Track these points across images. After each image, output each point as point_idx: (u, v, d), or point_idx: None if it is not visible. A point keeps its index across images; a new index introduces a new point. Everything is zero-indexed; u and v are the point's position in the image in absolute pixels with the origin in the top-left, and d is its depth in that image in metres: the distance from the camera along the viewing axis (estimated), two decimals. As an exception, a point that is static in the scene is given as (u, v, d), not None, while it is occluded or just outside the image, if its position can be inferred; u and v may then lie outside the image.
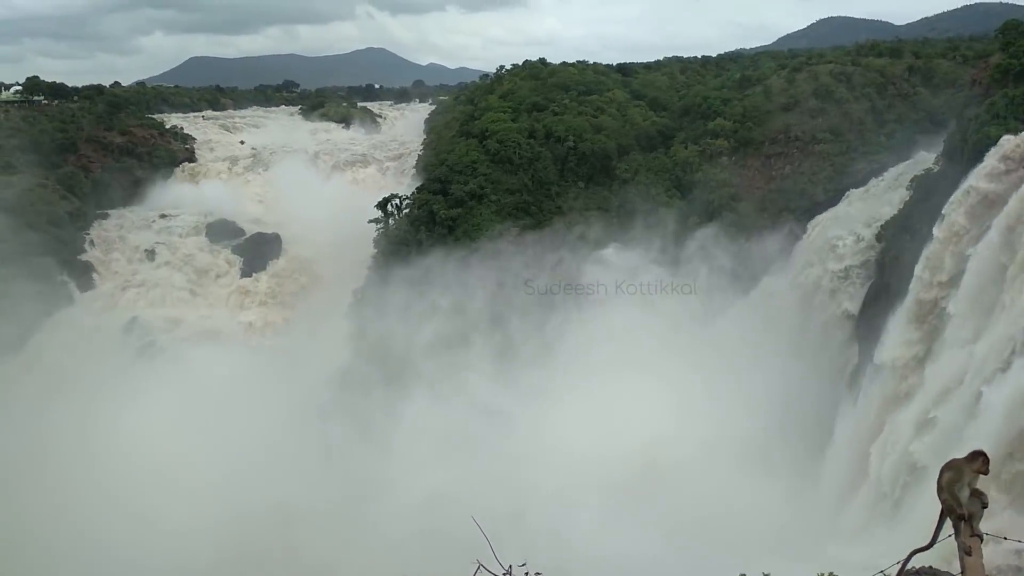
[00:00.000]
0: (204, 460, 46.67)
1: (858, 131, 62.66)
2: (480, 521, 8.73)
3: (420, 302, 56.94)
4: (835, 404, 42.64)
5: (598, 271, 57.58)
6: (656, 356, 49.04)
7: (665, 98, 77.97)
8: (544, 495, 38.87)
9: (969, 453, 7.40)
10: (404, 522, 38.85)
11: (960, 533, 7.26)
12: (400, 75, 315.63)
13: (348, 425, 51.92)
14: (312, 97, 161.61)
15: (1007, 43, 43.99)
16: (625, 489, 38.72)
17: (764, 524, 34.89)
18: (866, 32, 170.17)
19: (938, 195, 40.34)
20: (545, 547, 35.56)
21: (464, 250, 59.18)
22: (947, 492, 7.27)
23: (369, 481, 45.93)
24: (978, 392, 26.74)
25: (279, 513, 41.51)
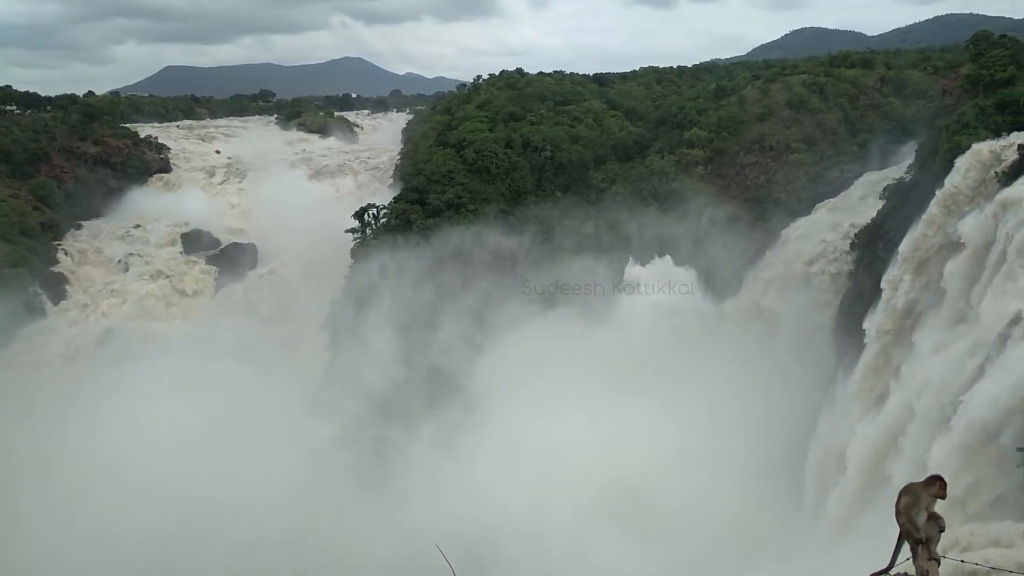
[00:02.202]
0: (178, 470, 46.38)
1: (831, 141, 63.41)
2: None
3: (396, 311, 56.95)
4: (815, 412, 42.79)
5: (576, 279, 57.78)
6: (631, 367, 49.19)
7: (641, 108, 78.46)
8: (520, 506, 38.85)
9: (926, 478, 7.49)
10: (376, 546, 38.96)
11: (918, 557, 7.33)
12: (377, 84, 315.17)
13: (324, 438, 51.76)
14: (288, 106, 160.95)
15: (977, 54, 44.52)
16: (602, 500, 38.79)
17: (742, 532, 35.06)
18: (839, 43, 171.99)
19: (910, 204, 40.86)
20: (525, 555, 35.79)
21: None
22: (905, 516, 7.34)
23: (344, 492, 45.85)
24: (951, 401, 27.00)
25: (251, 520, 41.32)
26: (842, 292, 47.63)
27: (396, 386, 54.17)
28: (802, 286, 50.85)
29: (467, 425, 48.92)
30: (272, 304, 76.07)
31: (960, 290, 31.09)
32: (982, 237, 30.55)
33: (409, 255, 59.17)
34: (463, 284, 58.25)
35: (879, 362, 36.25)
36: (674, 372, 48.19)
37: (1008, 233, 28.71)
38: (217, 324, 72.37)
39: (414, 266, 58.60)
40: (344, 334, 58.68)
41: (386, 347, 55.58)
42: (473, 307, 57.40)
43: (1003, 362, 24.63)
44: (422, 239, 60.16)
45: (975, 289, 29.88)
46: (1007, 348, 25.28)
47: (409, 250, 59.45)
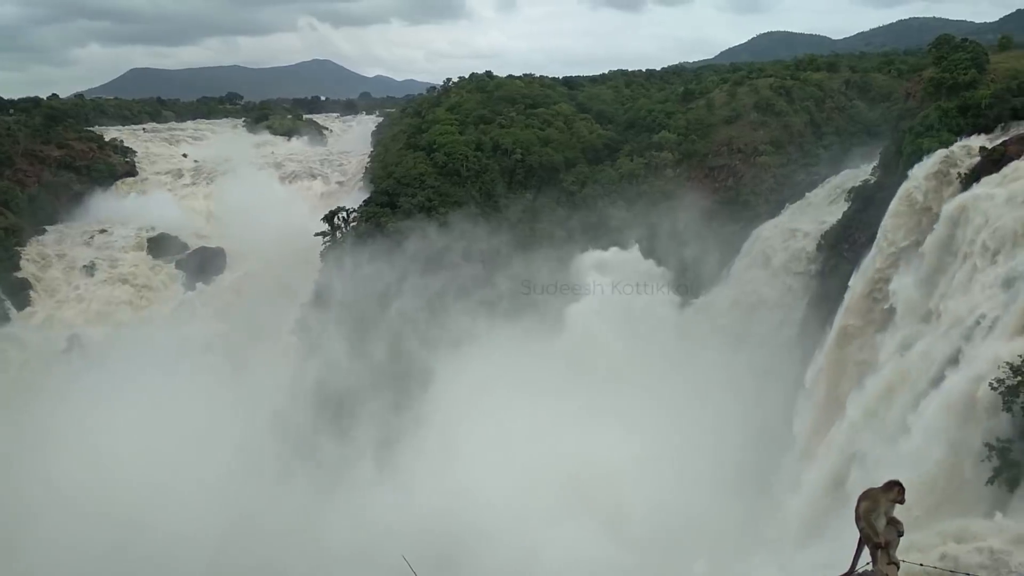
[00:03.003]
0: (142, 476, 45.90)
1: (798, 143, 64.21)
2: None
3: (366, 315, 56.66)
4: (784, 412, 43.05)
5: (546, 280, 57.90)
6: (604, 367, 49.37)
7: (611, 111, 78.84)
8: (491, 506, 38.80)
9: (885, 483, 7.57)
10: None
11: (877, 561, 7.42)
12: (346, 87, 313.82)
13: (293, 442, 51.39)
14: (256, 109, 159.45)
15: (940, 57, 45.22)
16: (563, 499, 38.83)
17: (708, 532, 35.28)
18: (805, 47, 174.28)
19: (875, 205, 41.41)
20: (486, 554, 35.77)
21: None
22: (864, 521, 7.42)
23: (313, 498, 45.61)
24: (915, 399, 27.36)
25: (218, 530, 41.01)
26: (809, 293, 48.12)
27: (363, 390, 53.88)
28: (770, 287, 51.33)
29: (430, 426, 48.71)
30: (240, 309, 75.16)
31: (923, 291, 31.54)
32: (944, 238, 30.99)
33: (380, 258, 58.93)
34: (432, 287, 58.09)
35: (843, 362, 36.65)
36: (642, 373, 48.40)
37: (969, 233, 29.17)
38: (185, 329, 71.49)
39: (385, 269, 58.38)
40: (313, 338, 58.29)
41: (355, 351, 55.34)
42: (441, 309, 57.27)
43: (965, 361, 25.03)
44: (393, 242, 59.93)
45: (938, 289, 30.33)
46: (969, 347, 25.69)
47: (380, 253, 59.20)
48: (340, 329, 56.76)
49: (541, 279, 58.61)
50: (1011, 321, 24.34)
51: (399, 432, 50.22)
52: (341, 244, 63.80)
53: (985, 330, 25.66)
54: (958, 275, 29.27)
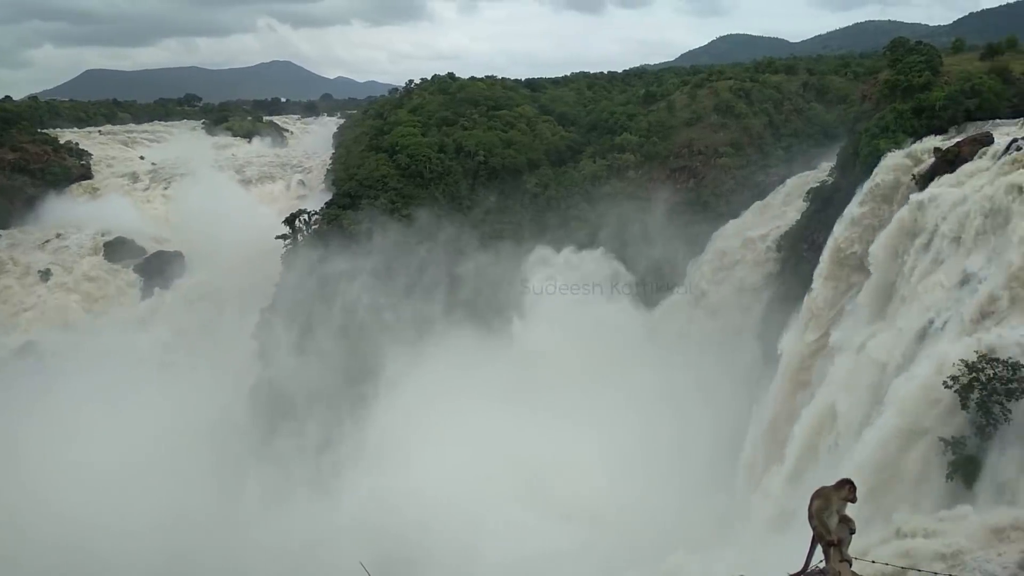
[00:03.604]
0: (100, 484, 45.18)
1: (757, 145, 64.92)
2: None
3: (327, 319, 56.18)
4: (746, 411, 43.36)
5: (510, 288, 57.86)
6: (564, 368, 49.43)
7: (573, 113, 79.07)
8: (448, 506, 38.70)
9: (837, 481, 7.64)
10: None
11: (830, 559, 7.48)
12: (307, 89, 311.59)
13: (251, 446, 50.87)
14: (215, 111, 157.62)
15: (895, 60, 45.76)
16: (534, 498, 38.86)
17: (681, 526, 35.47)
18: (763, 49, 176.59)
19: (833, 206, 41.97)
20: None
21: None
22: (817, 519, 7.48)
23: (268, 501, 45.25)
24: (872, 397, 27.71)
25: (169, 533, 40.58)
26: (769, 292, 48.63)
27: (321, 392, 53.48)
28: (731, 287, 51.81)
29: (388, 428, 48.39)
30: (200, 313, 74.22)
31: (880, 289, 32.00)
32: (899, 238, 31.46)
33: (341, 261, 58.47)
34: (394, 289, 57.81)
35: (803, 359, 37.05)
36: (604, 374, 48.55)
37: (924, 234, 29.64)
38: (143, 335, 70.43)
39: (346, 272, 57.95)
40: (273, 342, 57.65)
41: (314, 354, 54.87)
42: (401, 311, 57.01)
43: (921, 358, 25.41)
44: (355, 245, 59.51)
45: (895, 287, 30.78)
46: (924, 345, 26.09)
47: (342, 256, 58.74)
48: (299, 332, 56.24)
49: (502, 281, 58.65)
50: (966, 319, 24.76)
51: (356, 434, 49.90)
52: (302, 247, 63.20)
53: (940, 328, 26.07)
54: (914, 275, 29.70)
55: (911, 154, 35.51)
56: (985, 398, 21.33)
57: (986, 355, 21.84)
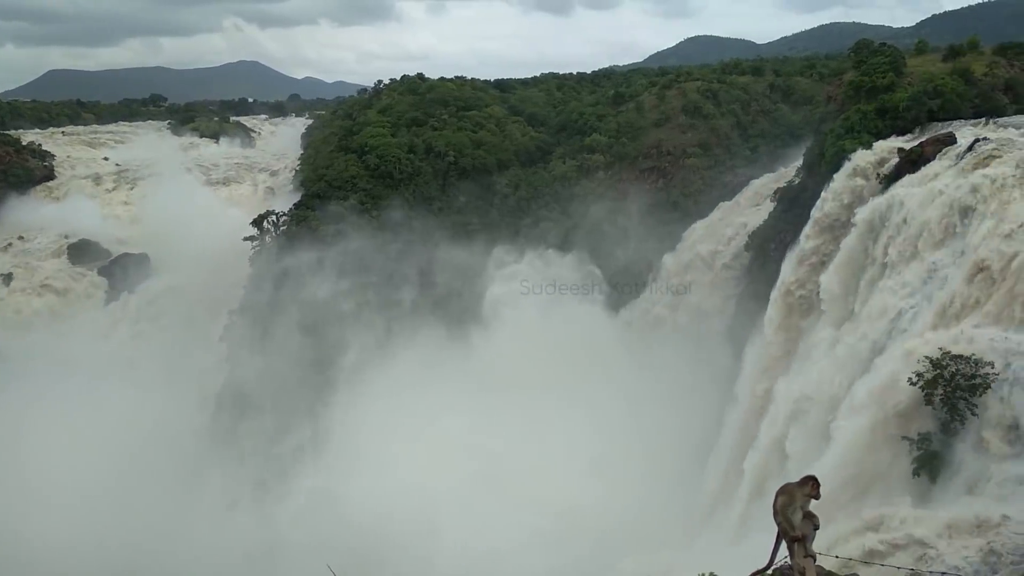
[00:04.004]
0: (63, 490, 44.48)
1: (725, 146, 65.48)
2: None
3: (296, 321, 55.69)
4: (716, 409, 43.50)
5: (482, 290, 57.75)
6: (532, 369, 49.35)
7: (543, 114, 79.18)
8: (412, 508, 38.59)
9: (801, 478, 7.70)
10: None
11: (795, 555, 7.54)
12: (275, 89, 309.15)
13: (222, 452, 50.31)
14: (181, 111, 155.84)
15: (859, 61, 46.32)
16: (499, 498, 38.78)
17: (639, 523, 35.58)
18: (730, 50, 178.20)
19: (799, 205, 42.38)
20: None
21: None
22: (781, 516, 7.54)
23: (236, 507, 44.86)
24: (838, 395, 27.99)
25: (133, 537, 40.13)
26: (738, 291, 48.99)
27: (289, 394, 52.99)
28: (700, 287, 52.11)
29: (354, 430, 48.06)
30: (166, 316, 73.21)
31: (844, 289, 32.36)
32: (864, 238, 31.84)
33: (310, 262, 57.98)
34: (363, 290, 57.47)
35: (772, 359, 37.35)
36: (573, 375, 48.53)
37: (889, 233, 30.01)
38: (108, 339, 69.36)
39: (315, 273, 57.46)
40: (241, 345, 57.03)
41: (282, 356, 54.33)
42: (370, 312, 56.71)
43: (886, 356, 25.72)
44: (324, 246, 59.06)
45: (860, 287, 31.13)
46: (889, 342, 26.42)
47: (310, 257, 58.25)
48: (266, 335, 55.63)
49: (472, 281, 58.54)
50: (929, 317, 25.11)
51: (322, 435, 49.54)
52: (270, 249, 62.57)
53: (905, 326, 26.40)
54: (878, 275, 30.06)
55: (874, 154, 35.89)
56: (949, 394, 21.62)
57: (950, 352, 22.14)
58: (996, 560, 16.35)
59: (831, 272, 33.18)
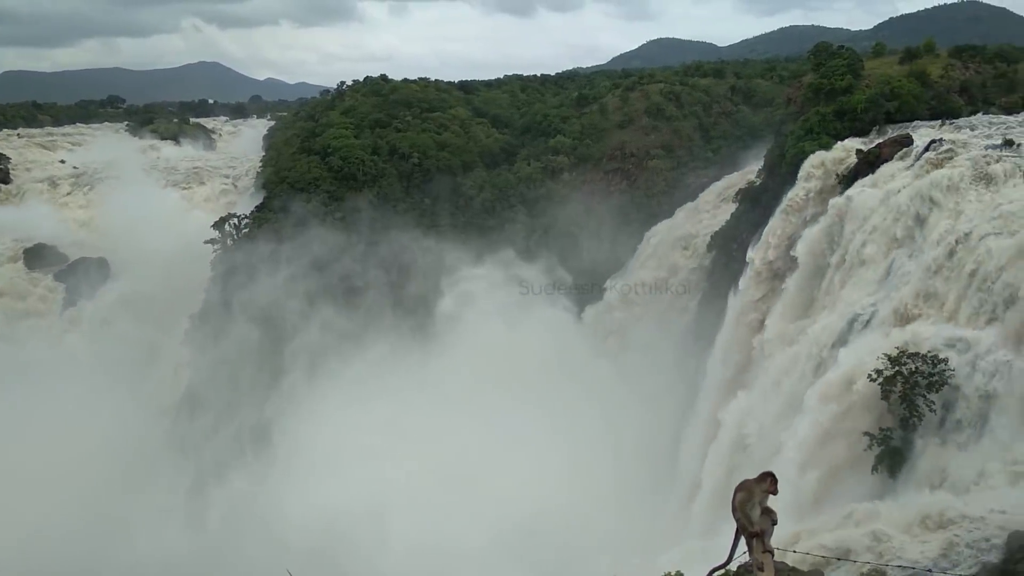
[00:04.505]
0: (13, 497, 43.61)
1: (688, 147, 66.12)
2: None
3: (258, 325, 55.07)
4: (685, 407, 43.56)
5: (446, 293, 57.48)
6: (499, 371, 49.17)
7: (507, 115, 79.21)
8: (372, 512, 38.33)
9: (759, 474, 7.75)
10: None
11: (753, 550, 7.60)
12: (236, 90, 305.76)
13: (181, 457, 49.65)
14: (140, 113, 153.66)
15: (818, 64, 46.98)
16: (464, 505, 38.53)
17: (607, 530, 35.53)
18: (692, 53, 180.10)
19: (761, 206, 42.86)
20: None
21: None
22: (740, 511, 7.61)
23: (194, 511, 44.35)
24: (799, 389, 28.30)
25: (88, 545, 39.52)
26: (701, 291, 49.35)
27: (250, 398, 52.41)
28: (664, 287, 52.40)
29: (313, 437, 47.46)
30: (126, 321, 71.93)
31: (803, 288, 32.79)
32: (824, 237, 32.27)
33: (272, 265, 57.38)
34: (327, 293, 56.94)
35: (736, 355, 37.68)
36: (538, 379, 48.34)
37: (848, 233, 30.45)
38: (65, 344, 68.04)
39: (278, 276, 56.87)
40: (202, 349, 56.28)
41: (243, 359, 53.69)
42: (333, 316, 56.09)
43: (846, 354, 26.06)
44: (286, 249, 58.47)
45: (820, 287, 31.54)
46: (849, 340, 26.77)
47: (273, 260, 57.65)
48: (228, 339, 54.94)
49: (437, 283, 58.25)
50: (888, 316, 25.50)
51: (281, 438, 48.87)
52: (232, 251, 61.86)
53: (863, 324, 26.77)
54: (837, 274, 30.48)
55: (833, 155, 36.37)
56: (908, 391, 21.96)
57: (907, 350, 22.50)
58: (955, 554, 16.60)
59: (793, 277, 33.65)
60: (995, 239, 22.98)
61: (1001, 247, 22.42)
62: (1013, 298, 21.11)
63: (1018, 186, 25.32)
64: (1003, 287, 21.65)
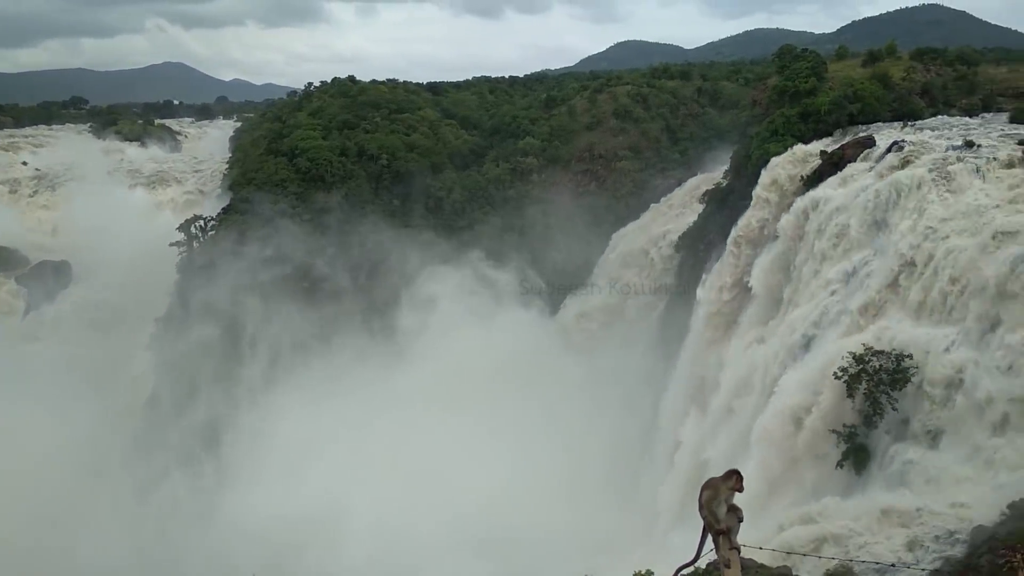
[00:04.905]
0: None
1: (655, 149, 66.62)
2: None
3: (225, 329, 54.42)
4: (655, 404, 43.63)
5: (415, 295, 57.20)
6: (468, 374, 49.01)
7: (476, 117, 79.21)
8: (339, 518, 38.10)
9: (725, 472, 7.83)
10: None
11: (720, 547, 7.68)
12: (201, 91, 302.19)
13: (145, 462, 49.02)
14: (104, 114, 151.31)
15: (782, 66, 47.44)
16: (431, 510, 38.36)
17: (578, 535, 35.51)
18: (659, 55, 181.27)
19: (727, 207, 43.20)
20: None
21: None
22: (707, 509, 7.68)
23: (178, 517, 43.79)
24: (767, 387, 28.56)
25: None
26: (669, 292, 49.62)
27: (216, 404, 51.77)
28: (632, 287, 52.64)
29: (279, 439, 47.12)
30: (90, 325, 70.90)
31: (769, 288, 33.12)
32: (789, 238, 32.62)
33: (239, 268, 56.72)
34: (295, 295, 56.45)
35: (703, 355, 37.94)
36: (507, 383, 48.20)
37: (812, 234, 30.78)
38: (27, 349, 66.85)
39: (244, 279, 56.22)
40: (169, 355, 55.48)
41: (208, 364, 53.03)
42: (300, 320, 55.70)
43: (812, 352, 26.37)
44: (253, 251, 57.86)
45: (785, 287, 31.87)
46: (815, 339, 27.08)
47: (239, 263, 56.99)
48: (194, 342, 54.19)
49: (405, 285, 57.96)
50: (854, 314, 25.80)
51: (240, 443, 48.36)
52: (198, 254, 61.16)
53: (829, 323, 27.08)
54: (804, 273, 30.79)
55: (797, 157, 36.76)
56: (872, 389, 22.23)
57: (872, 347, 22.78)
58: (920, 549, 16.85)
59: (758, 271, 33.95)
60: (957, 238, 23.33)
61: (962, 246, 22.76)
62: (974, 296, 21.44)
63: (979, 187, 25.72)
64: (965, 286, 21.99)
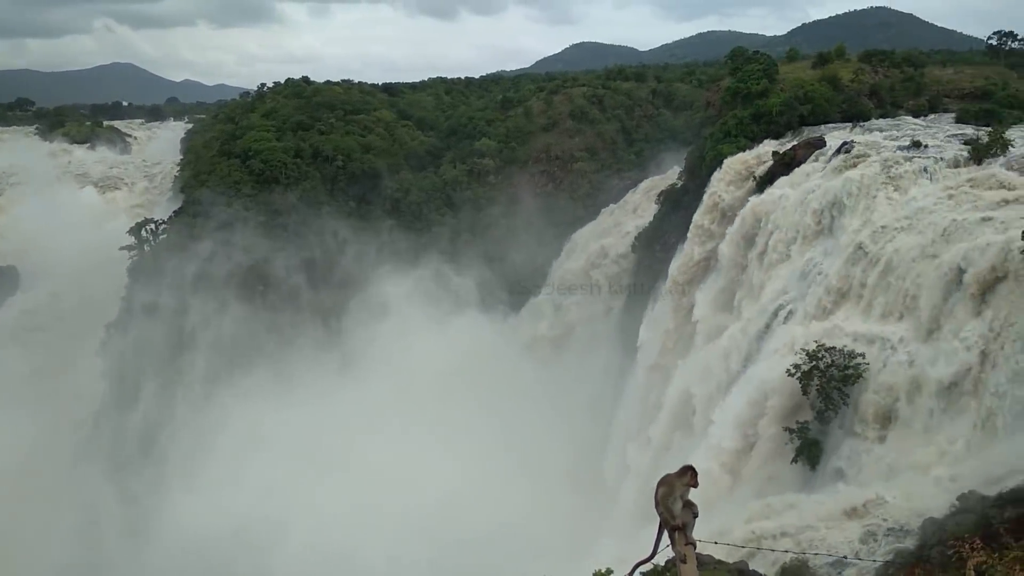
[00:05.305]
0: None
1: (611, 150, 67.08)
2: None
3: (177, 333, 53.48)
4: (615, 399, 43.81)
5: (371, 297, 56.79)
6: (420, 379, 48.76)
7: (432, 118, 78.98)
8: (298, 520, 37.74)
9: (680, 468, 7.88)
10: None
11: (676, 543, 7.73)
12: (151, 92, 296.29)
13: (100, 470, 47.97)
14: (50, 115, 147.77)
15: (735, 68, 48.06)
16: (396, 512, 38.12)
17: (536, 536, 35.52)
18: (614, 57, 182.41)
19: (683, 207, 43.62)
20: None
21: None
22: (662, 506, 7.73)
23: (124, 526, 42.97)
24: (723, 383, 28.88)
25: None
26: (625, 291, 49.98)
27: (167, 409, 50.90)
28: (589, 287, 52.86)
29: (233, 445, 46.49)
30: (39, 332, 69.20)
31: (725, 287, 33.53)
32: (742, 238, 33.04)
33: (190, 271, 55.79)
34: (248, 299, 55.68)
35: (660, 355, 38.25)
36: (465, 388, 48.05)
37: (765, 232, 31.21)
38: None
39: (195, 283, 55.30)
40: (119, 361, 54.35)
41: (160, 369, 52.10)
42: (252, 324, 54.93)
43: (765, 349, 26.71)
44: (205, 254, 56.95)
45: (740, 287, 32.27)
46: (768, 336, 27.44)
47: (191, 266, 56.06)
48: (145, 348, 53.18)
49: (359, 287, 57.51)
50: (806, 311, 26.20)
51: (189, 453, 47.54)
52: (149, 257, 60.04)
53: (782, 321, 27.45)
54: (756, 272, 31.20)
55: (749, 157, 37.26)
56: (824, 385, 22.58)
57: (824, 344, 23.14)
58: (873, 542, 17.12)
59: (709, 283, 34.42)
60: (904, 236, 23.80)
61: (909, 244, 23.23)
62: (921, 293, 21.87)
63: (925, 185, 26.30)
64: (912, 282, 22.43)
